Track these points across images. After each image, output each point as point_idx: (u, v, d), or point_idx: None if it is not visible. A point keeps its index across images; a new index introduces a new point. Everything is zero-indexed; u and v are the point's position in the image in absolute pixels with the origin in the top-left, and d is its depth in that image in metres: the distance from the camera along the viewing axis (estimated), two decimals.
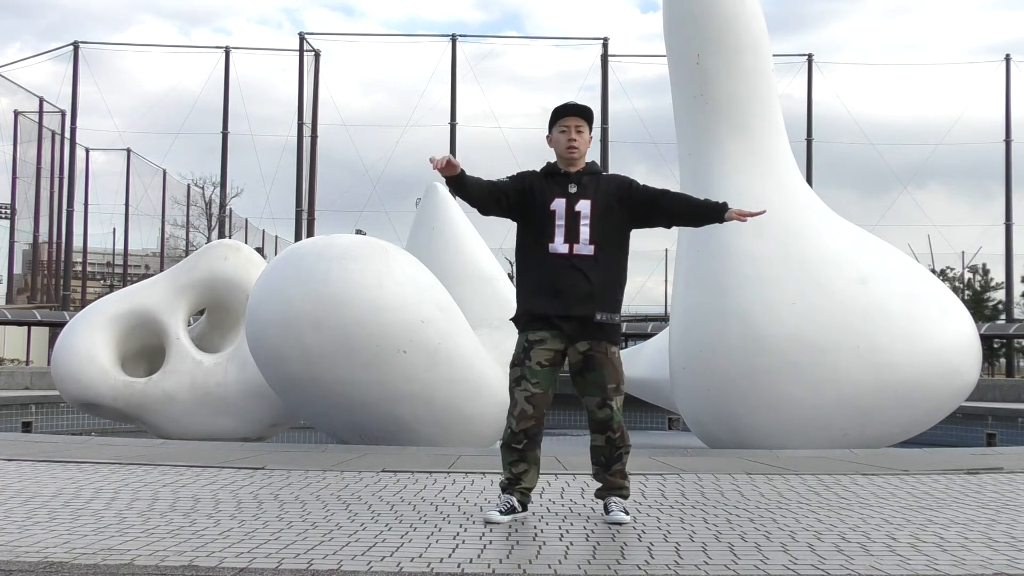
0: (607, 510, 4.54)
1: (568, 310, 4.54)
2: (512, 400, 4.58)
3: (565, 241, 4.58)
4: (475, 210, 4.78)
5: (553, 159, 4.80)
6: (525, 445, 4.57)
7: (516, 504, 4.51)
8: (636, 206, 4.73)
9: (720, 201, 4.86)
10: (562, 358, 4.63)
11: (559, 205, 4.61)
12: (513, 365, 4.63)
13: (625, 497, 4.66)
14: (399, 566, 3.40)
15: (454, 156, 4.49)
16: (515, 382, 4.58)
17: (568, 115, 4.70)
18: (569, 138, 4.68)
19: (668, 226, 5.00)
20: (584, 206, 4.61)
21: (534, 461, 4.62)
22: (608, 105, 36.03)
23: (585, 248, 4.58)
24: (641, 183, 4.82)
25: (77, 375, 11.10)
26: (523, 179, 4.73)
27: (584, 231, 4.58)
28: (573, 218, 4.59)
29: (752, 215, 4.82)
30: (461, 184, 4.56)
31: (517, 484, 4.56)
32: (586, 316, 4.55)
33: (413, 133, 37.92)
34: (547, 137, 4.81)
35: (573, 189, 4.65)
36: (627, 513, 4.53)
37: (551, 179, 4.71)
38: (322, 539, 3.89)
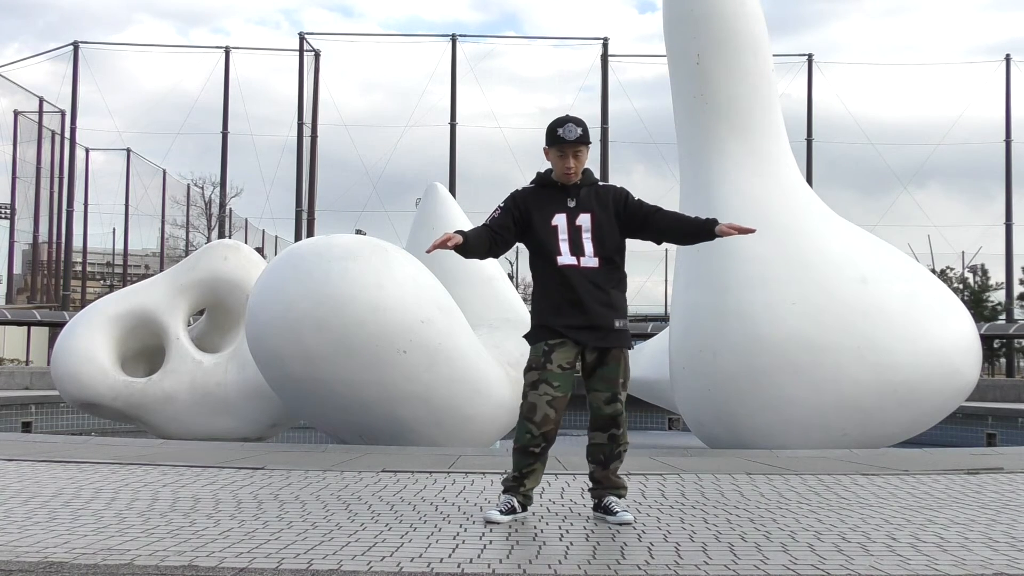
0: (610, 511, 4.54)
1: (589, 321, 4.56)
2: (530, 404, 4.55)
3: (572, 255, 4.60)
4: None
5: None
6: (542, 448, 4.60)
7: (516, 504, 4.52)
8: (630, 220, 4.72)
9: (711, 217, 4.81)
10: (578, 361, 4.64)
11: (560, 220, 4.63)
12: (531, 369, 4.61)
13: (622, 496, 4.67)
14: (399, 566, 3.40)
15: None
16: (532, 386, 4.56)
17: (568, 144, 4.65)
18: (566, 165, 4.66)
19: (658, 242, 4.93)
20: (585, 220, 4.63)
21: (543, 462, 4.66)
22: (608, 105, 36.03)
23: (591, 261, 4.60)
24: (636, 198, 4.80)
25: (77, 375, 11.10)
26: (517, 204, 4.71)
27: (588, 245, 4.61)
28: (575, 232, 4.62)
29: (743, 231, 4.72)
30: (466, 249, 4.58)
31: (521, 486, 4.57)
32: (606, 325, 4.59)
33: (413, 133, 37.93)
34: (544, 149, 4.78)
35: (572, 203, 4.66)
36: (628, 511, 4.54)
37: (548, 193, 4.72)
38: (322, 539, 3.89)
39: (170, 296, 11.60)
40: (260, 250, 34.97)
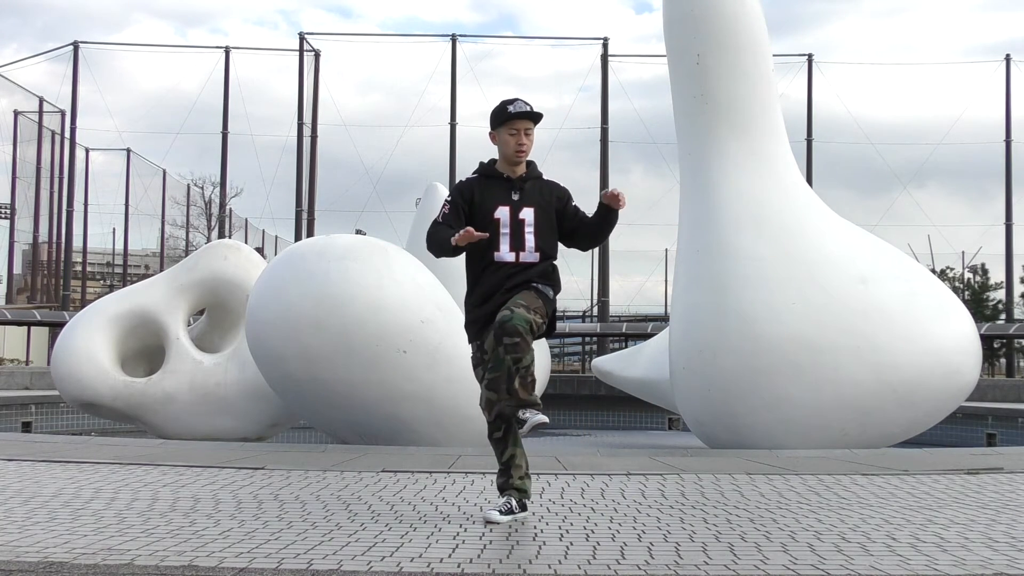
0: (519, 421, 4.33)
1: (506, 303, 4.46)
2: (481, 397, 4.55)
3: (511, 250, 4.54)
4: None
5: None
6: (504, 430, 4.56)
7: (514, 504, 4.51)
8: (564, 222, 4.66)
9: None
10: None
11: (503, 213, 4.55)
12: (474, 367, 4.67)
13: (534, 411, 4.35)
14: (399, 566, 3.40)
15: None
16: (480, 379, 4.59)
17: (521, 118, 4.59)
18: (519, 142, 4.59)
19: (584, 248, 4.80)
20: (528, 213, 4.56)
21: (517, 443, 4.58)
22: (608, 105, 35.98)
23: (531, 256, 4.55)
24: (574, 204, 4.70)
25: (77, 375, 11.11)
26: (463, 194, 4.63)
27: (530, 239, 4.55)
28: (518, 226, 4.54)
29: (615, 195, 4.54)
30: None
31: (510, 478, 4.55)
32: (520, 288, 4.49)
33: (413, 133, 37.84)
34: (490, 134, 4.71)
35: (516, 196, 4.59)
36: (534, 418, 4.28)
37: (492, 184, 4.64)
38: (322, 539, 3.89)
39: (170, 296, 11.60)
40: (260, 250, 34.95)
